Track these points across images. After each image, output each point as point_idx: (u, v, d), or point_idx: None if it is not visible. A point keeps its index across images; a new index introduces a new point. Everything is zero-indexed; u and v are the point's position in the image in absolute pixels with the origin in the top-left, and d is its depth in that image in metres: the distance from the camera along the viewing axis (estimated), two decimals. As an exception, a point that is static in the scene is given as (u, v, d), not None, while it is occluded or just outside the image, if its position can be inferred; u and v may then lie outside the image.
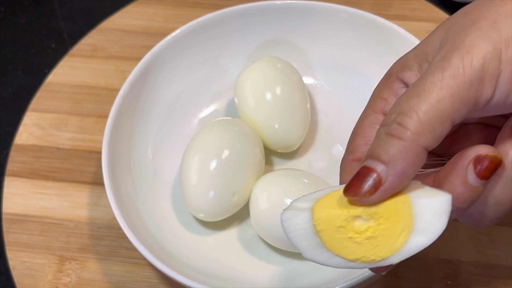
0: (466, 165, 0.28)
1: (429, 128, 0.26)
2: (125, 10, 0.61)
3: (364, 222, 0.29)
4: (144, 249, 0.40)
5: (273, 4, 0.51)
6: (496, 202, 0.29)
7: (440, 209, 0.28)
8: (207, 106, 0.52)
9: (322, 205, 0.29)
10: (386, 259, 0.28)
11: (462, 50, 0.27)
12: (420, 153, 0.27)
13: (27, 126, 0.54)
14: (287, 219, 0.29)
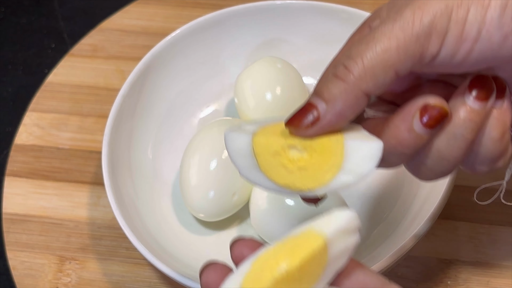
0: (413, 112, 0.28)
1: (371, 74, 0.27)
2: (125, 10, 0.61)
3: (298, 152, 0.30)
4: (144, 249, 0.40)
5: (273, 4, 0.51)
6: (440, 157, 0.30)
7: (370, 154, 0.29)
8: (207, 106, 0.52)
9: (264, 132, 0.31)
10: (312, 190, 0.29)
11: (415, 5, 0.27)
12: (360, 97, 0.28)
13: (27, 126, 0.54)
14: (230, 138, 0.30)
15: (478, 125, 0.29)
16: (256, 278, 0.25)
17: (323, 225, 0.26)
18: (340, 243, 0.26)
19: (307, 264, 0.25)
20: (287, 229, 0.42)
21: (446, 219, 0.47)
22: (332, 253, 0.26)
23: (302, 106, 0.29)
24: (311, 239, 0.25)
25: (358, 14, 0.50)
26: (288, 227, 0.42)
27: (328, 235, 0.25)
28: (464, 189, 0.48)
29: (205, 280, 0.28)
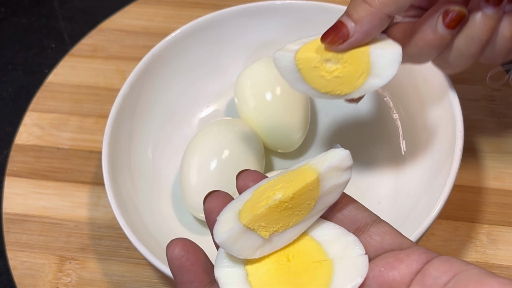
0: (437, 17, 0.36)
1: (394, 1, 0.34)
2: (125, 10, 0.61)
3: (333, 64, 0.37)
4: (144, 249, 0.40)
5: (273, 4, 0.51)
6: (459, 54, 0.37)
7: (392, 59, 0.36)
8: (207, 106, 0.53)
9: (304, 49, 0.38)
10: (349, 94, 0.37)
11: None
12: (383, 19, 0.35)
13: (27, 126, 0.54)
14: (278, 57, 0.38)
15: (491, 27, 0.35)
16: (253, 205, 0.27)
17: (319, 162, 0.28)
18: (332, 179, 0.27)
19: (299, 196, 0.27)
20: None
21: (446, 219, 0.47)
22: (324, 187, 0.27)
23: (334, 24, 0.35)
24: (306, 173, 0.27)
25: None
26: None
27: (322, 171, 0.27)
28: (464, 189, 0.48)
29: (208, 207, 0.29)
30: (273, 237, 0.27)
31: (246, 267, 0.27)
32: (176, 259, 0.27)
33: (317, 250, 0.27)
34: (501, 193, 0.48)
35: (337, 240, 0.27)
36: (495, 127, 0.51)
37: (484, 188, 0.48)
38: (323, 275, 0.26)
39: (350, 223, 0.28)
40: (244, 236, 0.27)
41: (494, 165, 0.49)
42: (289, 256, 0.27)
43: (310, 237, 0.28)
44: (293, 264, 0.27)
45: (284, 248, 0.27)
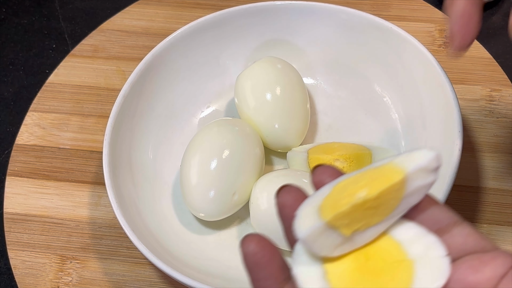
0: None
1: None
2: (125, 10, 0.61)
3: (341, 163, 0.44)
4: (144, 248, 0.40)
5: (273, 4, 0.51)
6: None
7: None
8: (207, 106, 0.53)
9: (315, 151, 0.46)
10: None
11: None
12: None
13: (28, 126, 0.54)
14: (291, 156, 0.47)
15: None
16: (335, 202, 0.26)
17: (405, 161, 0.27)
18: (419, 180, 0.26)
19: (384, 195, 0.26)
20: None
21: (446, 219, 0.47)
22: (410, 188, 0.26)
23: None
24: (392, 172, 0.26)
25: (357, 15, 0.50)
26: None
27: (408, 171, 0.26)
28: (463, 189, 0.48)
29: (280, 201, 0.28)
30: (354, 235, 0.26)
31: (324, 265, 0.26)
32: (252, 255, 0.26)
33: (397, 249, 0.26)
34: (500, 193, 0.48)
35: (417, 240, 0.26)
36: (494, 127, 0.51)
37: (483, 188, 0.49)
38: (404, 275, 0.26)
39: (431, 223, 0.27)
40: (325, 234, 0.26)
41: (494, 165, 0.49)
42: (368, 255, 0.27)
43: (390, 236, 0.27)
44: (372, 263, 0.26)
45: (362, 246, 0.27)
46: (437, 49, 0.55)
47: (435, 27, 0.57)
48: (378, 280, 0.26)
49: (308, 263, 0.26)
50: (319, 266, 0.26)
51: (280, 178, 0.44)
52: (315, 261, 0.27)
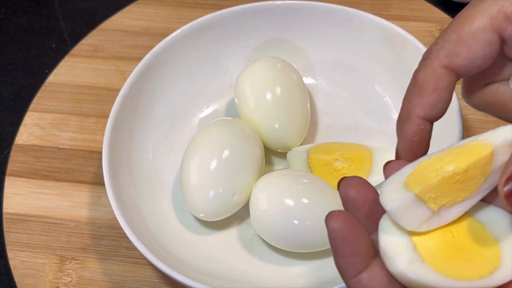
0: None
1: None
2: (125, 10, 0.61)
3: (341, 163, 0.44)
4: (144, 248, 0.40)
5: (273, 4, 0.51)
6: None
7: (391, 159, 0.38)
8: (207, 106, 0.53)
9: (315, 151, 0.45)
10: None
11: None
12: None
13: (27, 126, 0.54)
14: (291, 156, 0.47)
15: None
16: (421, 176, 0.26)
17: (491, 137, 0.27)
18: (506, 155, 0.26)
19: (472, 169, 0.26)
20: (287, 229, 0.42)
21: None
22: (497, 163, 0.26)
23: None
24: (479, 147, 0.26)
25: (357, 14, 0.50)
26: (288, 227, 0.42)
27: (497, 145, 0.26)
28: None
29: (344, 191, 0.28)
30: (441, 211, 0.26)
31: (412, 239, 0.27)
32: (340, 230, 0.26)
33: (481, 229, 0.27)
34: (500, 193, 0.48)
35: (500, 221, 0.27)
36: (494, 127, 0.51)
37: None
38: (491, 252, 0.26)
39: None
40: (413, 207, 0.26)
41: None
42: (453, 232, 0.27)
43: (472, 218, 0.27)
44: (458, 240, 0.26)
45: (447, 225, 0.27)
46: (437, 49, 0.55)
47: (436, 26, 0.57)
48: (467, 255, 0.26)
49: (397, 236, 0.27)
50: (408, 239, 0.26)
51: (280, 178, 0.44)
52: (403, 234, 0.27)
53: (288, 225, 0.42)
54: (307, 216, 0.42)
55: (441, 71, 0.30)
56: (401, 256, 0.26)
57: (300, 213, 0.42)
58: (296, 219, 0.42)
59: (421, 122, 0.31)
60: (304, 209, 0.42)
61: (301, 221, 0.42)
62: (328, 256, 0.44)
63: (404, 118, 0.31)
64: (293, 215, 0.42)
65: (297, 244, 0.43)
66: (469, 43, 0.30)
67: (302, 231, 0.42)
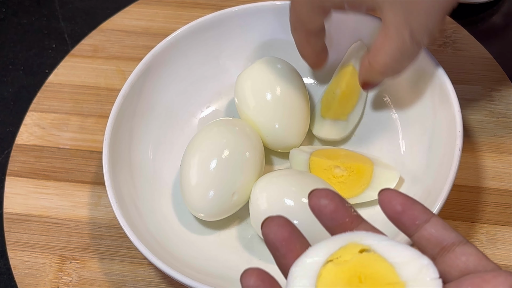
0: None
1: None
2: (125, 10, 0.61)
3: (340, 171, 0.45)
4: (144, 248, 0.40)
5: (273, 4, 0.51)
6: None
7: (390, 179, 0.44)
8: (207, 106, 0.53)
9: (319, 154, 0.46)
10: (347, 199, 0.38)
11: None
12: None
13: (28, 126, 0.54)
14: (293, 153, 0.47)
15: None
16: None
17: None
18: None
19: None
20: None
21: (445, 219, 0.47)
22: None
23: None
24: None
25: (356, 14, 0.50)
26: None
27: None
28: (463, 189, 0.48)
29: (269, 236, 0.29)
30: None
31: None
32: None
33: (390, 272, 0.27)
34: (500, 193, 0.48)
35: (410, 263, 0.26)
36: (494, 127, 0.51)
37: (483, 188, 0.48)
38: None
39: (436, 242, 0.28)
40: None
41: (493, 165, 0.49)
42: (361, 277, 0.27)
43: (383, 259, 0.27)
44: (365, 286, 0.26)
45: (356, 269, 0.27)
46: (437, 49, 0.55)
47: (435, 27, 0.57)
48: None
49: (302, 286, 0.27)
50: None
51: (280, 178, 0.44)
52: (309, 283, 0.27)
53: (288, 225, 0.42)
54: (307, 216, 0.42)
55: None
56: None
57: (300, 213, 0.42)
58: (296, 219, 0.42)
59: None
60: (304, 209, 0.42)
61: (301, 221, 0.42)
62: (328, 256, 0.44)
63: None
64: (293, 215, 0.42)
65: (297, 244, 0.43)
66: None
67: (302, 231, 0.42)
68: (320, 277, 0.27)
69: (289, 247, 0.29)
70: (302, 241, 0.29)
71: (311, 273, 0.27)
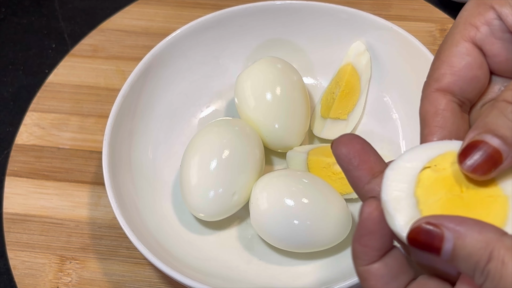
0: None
1: None
2: (125, 10, 0.61)
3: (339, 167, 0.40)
4: (144, 248, 0.40)
5: (273, 4, 0.51)
6: None
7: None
8: (207, 106, 0.53)
9: (315, 152, 0.46)
10: (349, 194, 0.43)
11: None
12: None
13: (27, 126, 0.54)
14: (290, 156, 0.47)
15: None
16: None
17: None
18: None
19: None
20: (287, 229, 0.42)
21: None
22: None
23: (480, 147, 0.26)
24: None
25: (357, 14, 0.50)
26: (288, 227, 0.42)
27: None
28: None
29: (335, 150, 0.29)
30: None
31: (416, 193, 0.26)
32: (371, 221, 0.26)
33: (492, 184, 0.26)
34: (500, 193, 0.48)
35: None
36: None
37: None
38: (499, 210, 0.26)
39: None
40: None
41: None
42: (462, 186, 0.26)
43: None
44: (466, 196, 0.26)
45: (456, 177, 0.26)
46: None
47: (436, 26, 0.57)
48: (472, 212, 0.25)
49: (399, 190, 0.26)
50: (411, 193, 0.26)
51: (280, 178, 0.44)
52: (407, 188, 0.26)
53: (288, 225, 0.42)
54: (307, 216, 0.42)
55: (435, 94, 0.31)
56: (400, 214, 0.26)
57: (300, 213, 0.42)
58: (296, 219, 0.42)
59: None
60: (304, 209, 0.42)
61: (301, 221, 0.42)
62: (328, 256, 0.44)
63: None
64: (293, 215, 0.42)
65: (297, 244, 0.43)
66: (448, 60, 0.31)
67: (302, 231, 0.42)
68: (419, 183, 0.27)
69: (362, 158, 0.29)
70: (375, 153, 0.29)
71: (409, 178, 0.27)
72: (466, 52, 0.31)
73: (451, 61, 0.31)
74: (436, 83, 0.31)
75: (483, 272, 0.24)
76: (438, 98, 0.31)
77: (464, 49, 0.31)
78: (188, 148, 0.46)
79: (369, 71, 0.50)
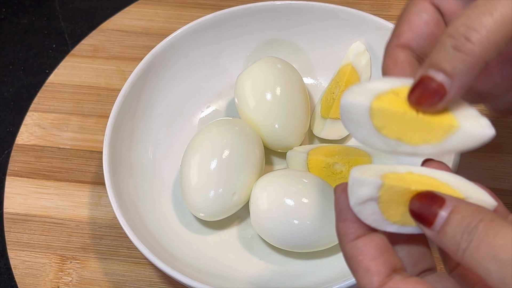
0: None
1: (495, 45, 0.27)
2: (125, 10, 0.61)
3: (340, 166, 0.45)
4: (144, 248, 0.40)
5: (273, 4, 0.51)
6: None
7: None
8: (207, 106, 0.53)
9: (315, 152, 0.47)
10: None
11: None
12: (482, 67, 0.28)
13: (28, 126, 0.54)
14: (291, 155, 0.47)
15: None
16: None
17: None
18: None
19: None
20: (287, 229, 0.42)
21: (446, 219, 0.47)
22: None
23: (421, 81, 0.28)
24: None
25: (357, 14, 0.50)
26: (288, 227, 0.42)
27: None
28: (463, 189, 0.48)
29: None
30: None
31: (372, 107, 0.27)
32: (345, 198, 0.28)
33: (448, 114, 0.28)
34: (500, 193, 0.48)
35: (471, 116, 0.29)
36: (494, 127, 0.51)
37: (483, 188, 0.48)
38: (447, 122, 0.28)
39: None
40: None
41: (494, 165, 0.49)
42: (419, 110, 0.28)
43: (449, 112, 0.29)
44: (421, 117, 0.28)
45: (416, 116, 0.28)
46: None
47: (435, 27, 0.57)
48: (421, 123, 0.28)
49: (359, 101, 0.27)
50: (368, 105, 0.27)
51: (280, 178, 0.44)
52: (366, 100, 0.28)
53: (288, 225, 0.42)
54: (307, 216, 0.42)
55: (395, 49, 0.32)
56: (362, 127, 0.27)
57: (300, 213, 0.42)
58: (296, 219, 0.42)
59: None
60: (304, 209, 0.42)
61: (301, 221, 0.42)
62: (328, 256, 0.44)
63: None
64: (293, 215, 0.42)
65: (297, 244, 0.43)
66: (408, 18, 0.33)
67: (302, 231, 0.42)
68: (378, 99, 0.28)
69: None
70: None
71: (370, 93, 0.28)
72: (424, 10, 0.32)
73: (410, 19, 0.32)
74: (396, 40, 0.32)
75: (471, 231, 0.25)
76: (397, 52, 0.32)
77: (422, 8, 0.32)
78: (188, 148, 0.46)
79: (369, 71, 0.50)
